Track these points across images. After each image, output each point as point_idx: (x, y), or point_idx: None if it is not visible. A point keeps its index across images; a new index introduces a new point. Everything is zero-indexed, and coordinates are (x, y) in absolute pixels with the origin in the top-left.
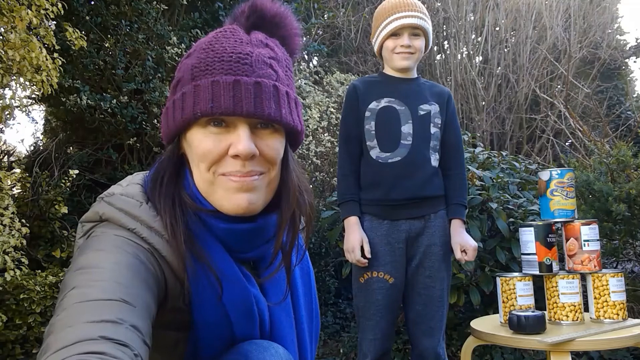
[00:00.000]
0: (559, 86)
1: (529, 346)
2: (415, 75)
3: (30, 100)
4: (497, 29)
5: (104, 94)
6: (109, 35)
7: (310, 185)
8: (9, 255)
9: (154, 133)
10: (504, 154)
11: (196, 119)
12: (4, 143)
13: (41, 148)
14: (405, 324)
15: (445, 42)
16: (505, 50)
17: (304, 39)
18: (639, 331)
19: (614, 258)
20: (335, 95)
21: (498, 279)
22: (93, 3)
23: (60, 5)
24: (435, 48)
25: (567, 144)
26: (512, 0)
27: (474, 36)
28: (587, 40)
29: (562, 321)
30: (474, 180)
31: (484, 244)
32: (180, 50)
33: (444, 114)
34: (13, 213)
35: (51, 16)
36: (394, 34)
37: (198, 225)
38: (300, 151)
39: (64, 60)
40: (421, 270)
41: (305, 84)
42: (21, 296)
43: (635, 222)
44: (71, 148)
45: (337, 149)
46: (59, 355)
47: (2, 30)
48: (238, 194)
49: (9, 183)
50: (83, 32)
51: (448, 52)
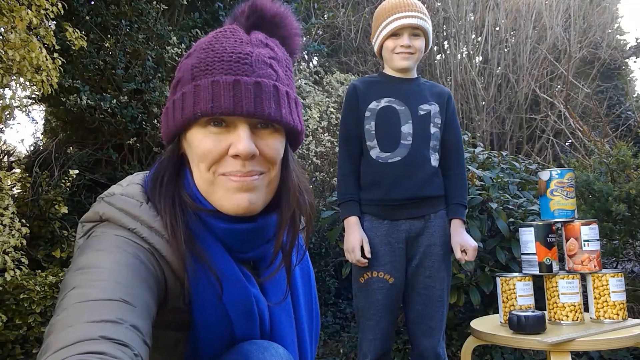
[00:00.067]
0: (559, 86)
1: (529, 346)
2: (415, 75)
3: (30, 100)
4: (497, 29)
5: (104, 94)
6: (109, 35)
7: (310, 185)
8: (9, 255)
9: (154, 133)
10: (504, 154)
11: (196, 118)
12: (4, 143)
13: (41, 148)
14: (405, 324)
15: (445, 42)
16: (505, 50)
17: (304, 39)
18: (639, 331)
19: (614, 258)
20: (335, 95)
21: (498, 279)
22: (93, 3)
23: (60, 5)
24: (435, 48)
25: (567, 144)
26: (512, 0)
27: (474, 36)
28: (587, 40)
29: (562, 321)
30: (474, 180)
31: (484, 244)
32: (180, 50)
33: (444, 114)
34: (13, 213)
35: (51, 16)
36: (394, 34)
37: (198, 225)
38: (300, 151)
39: (64, 60)
40: (421, 270)
41: (305, 84)
42: (21, 296)
43: (635, 222)
44: (71, 148)
45: (337, 149)
46: (59, 355)
47: (2, 30)
48: (238, 193)
49: (9, 183)
50: (83, 32)
51: (448, 52)
